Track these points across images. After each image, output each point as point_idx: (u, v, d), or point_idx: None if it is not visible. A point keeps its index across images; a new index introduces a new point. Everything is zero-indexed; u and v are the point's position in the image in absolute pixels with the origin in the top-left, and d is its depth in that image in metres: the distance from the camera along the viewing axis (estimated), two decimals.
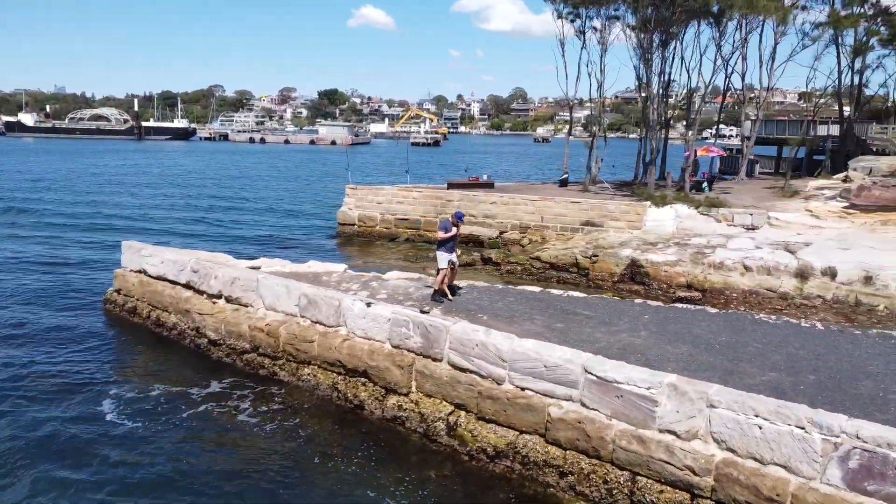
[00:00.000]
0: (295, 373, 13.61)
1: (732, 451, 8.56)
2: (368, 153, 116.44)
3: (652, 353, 10.47)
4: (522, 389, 10.49)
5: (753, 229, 24.22)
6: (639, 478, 9.21)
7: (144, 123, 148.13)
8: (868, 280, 19.01)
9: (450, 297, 13.53)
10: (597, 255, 22.72)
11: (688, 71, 74.93)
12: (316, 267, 16.49)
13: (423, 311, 12.25)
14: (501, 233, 28.60)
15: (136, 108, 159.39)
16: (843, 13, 32.89)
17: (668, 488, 8.96)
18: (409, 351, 12.03)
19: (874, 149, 35.57)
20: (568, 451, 9.90)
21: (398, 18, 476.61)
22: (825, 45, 34.73)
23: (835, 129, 39.53)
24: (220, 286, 15.32)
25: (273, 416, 12.46)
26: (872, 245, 20.60)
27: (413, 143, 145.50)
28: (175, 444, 11.52)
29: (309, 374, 13.35)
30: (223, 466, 10.82)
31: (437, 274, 13.58)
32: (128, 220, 36.09)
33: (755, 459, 8.39)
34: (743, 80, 38.22)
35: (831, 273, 19.55)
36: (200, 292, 15.87)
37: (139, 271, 17.71)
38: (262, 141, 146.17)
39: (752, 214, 24.51)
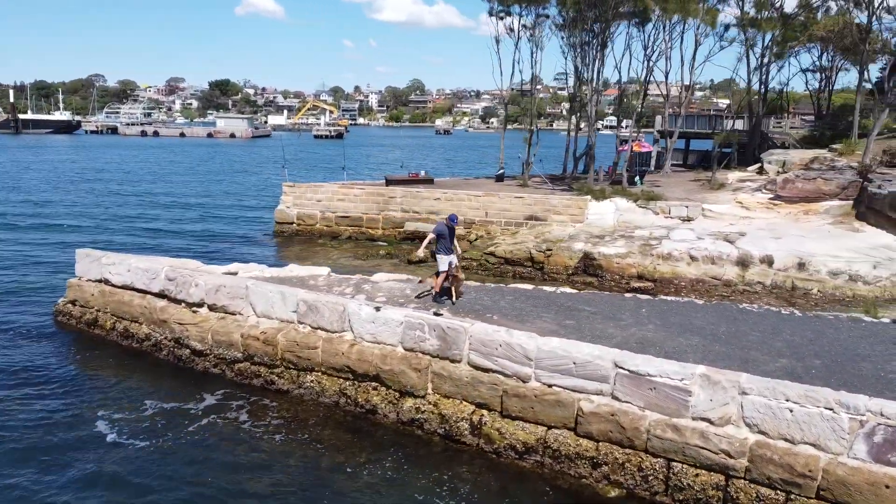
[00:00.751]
0: (296, 380, 13.41)
1: (764, 433, 9.31)
2: (271, 147, 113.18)
3: (668, 345, 11.13)
4: (550, 386, 10.88)
5: (689, 220, 25.79)
6: (674, 464, 9.83)
7: (21, 116, 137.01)
8: (802, 266, 20.77)
9: (453, 299, 13.71)
10: (550, 250, 23.50)
11: (617, 69, 77.51)
12: (298, 271, 16.19)
13: (436, 314, 12.39)
14: None
15: (11, 99, 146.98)
16: (753, 16, 35.30)
17: (704, 472, 9.63)
18: (423, 353, 12.15)
19: (776, 142, 38.53)
20: (601, 443, 10.40)
21: (288, 7, 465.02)
22: (747, 46, 37.12)
23: (739, 124, 42.42)
24: (202, 294, 14.78)
25: (283, 426, 12.24)
26: (802, 234, 22.48)
27: (316, 136, 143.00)
28: (189, 463, 11.11)
29: (312, 382, 13.18)
30: (248, 484, 10.54)
31: (438, 276, 13.74)
32: (34, 220, 33.64)
33: (786, 440, 9.18)
34: (667, 78, 40.14)
35: (768, 261, 21.21)
36: (178, 301, 15.25)
37: (99, 280, 16.76)
38: (156, 134, 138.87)
39: (687, 207, 26.09)
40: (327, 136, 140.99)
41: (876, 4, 30.11)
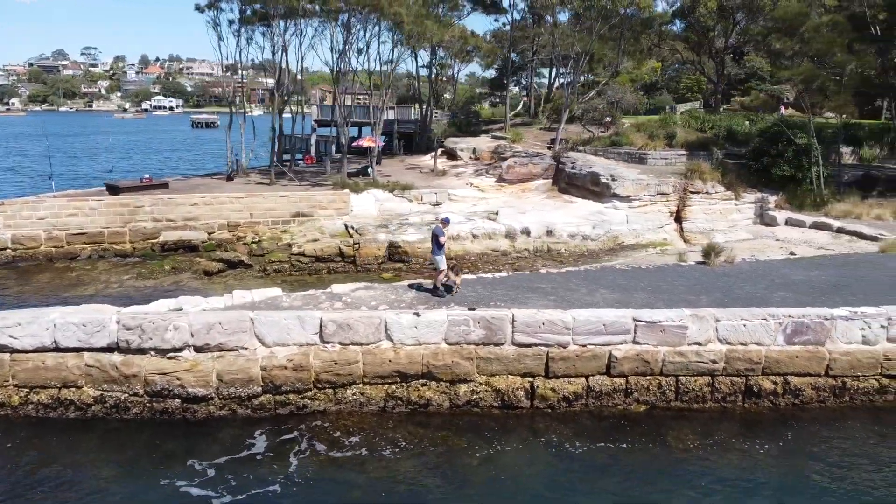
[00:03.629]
0: (332, 398, 13.93)
1: (730, 343, 14.60)
2: None
3: (634, 301, 15.54)
4: (584, 346, 14.39)
5: (438, 205, 30.44)
6: (680, 378, 14.49)
7: None
8: (550, 233, 27.42)
9: (453, 292, 15.69)
10: (358, 243, 25.62)
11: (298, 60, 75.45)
12: (255, 296, 15.71)
13: (471, 309, 14.51)
14: (209, 234, 27.94)
15: None
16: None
17: (699, 377, 14.53)
18: (468, 344, 14.24)
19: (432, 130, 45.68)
20: (630, 377, 14.43)
21: None
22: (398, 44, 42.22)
23: (391, 114, 48.35)
24: (186, 337, 13.59)
25: (368, 441, 12.89)
26: (539, 208, 29.21)
27: None
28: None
29: (354, 394, 13.95)
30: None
31: (440, 274, 15.59)
32: None
33: (742, 344, 14.63)
34: (301, 67, 42.92)
35: (527, 232, 27.33)
36: (142, 351, 13.61)
37: None
38: None
39: (436, 193, 30.65)
40: None
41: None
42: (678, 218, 29.26)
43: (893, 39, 29.98)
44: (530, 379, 14.34)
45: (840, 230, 26.11)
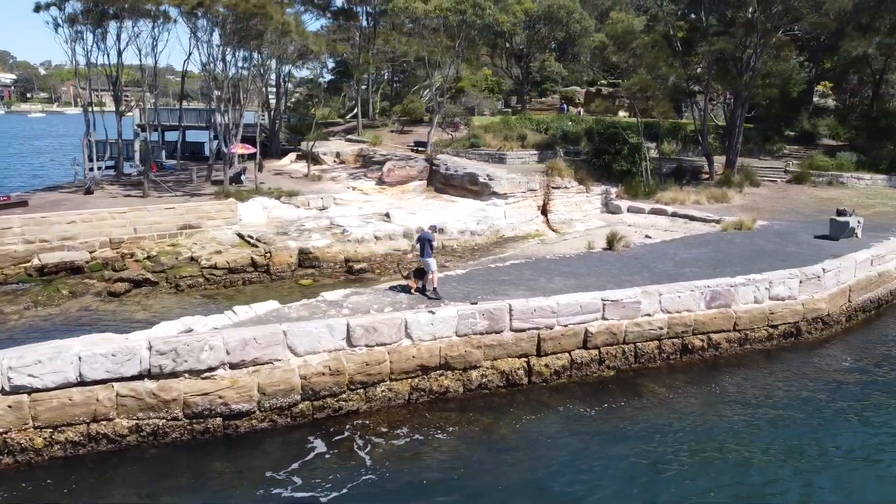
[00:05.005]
0: (364, 397, 14.95)
1: (670, 312, 18.02)
2: None
3: (589, 283, 18.31)
4: (566, 326, 16.89)
5: (325, 209, 31.10)
6: (638, 344, 17.61)
7: None
8: (442, 231, 29.56)
9: (430, 294, 17.16)
10: (269, 252, 25.70)
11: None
12: (258, 310, 15.88)
13: (473, 303, 16.24)
14: (91, 253, 26.02)
15: None
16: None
17: (651, 342, 17.74)
18: (474, 334, 16.03)
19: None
20: (602, 348, 17.22)
21: None
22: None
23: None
24: (221, 356, 13.71)
25: (418, 431, 14.18)
26: (429, 209, 31.12)
27: None
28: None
29: (383, 391, 15.09)
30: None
31: (430, 275, 16.99)
32: None
33: (678, 312, 18.13)
34: (156, 68, 40.50)
35: None
36: (175, 375, 13.51)
37: (3, 392, 12.49)
38: None
39: (322, 198, 31.18)
40: None
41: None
42: (544, 211, 33.00)
43: (690, 53, 36.46)
44: (526, 359, 16.52)
45: (675, 214, 31.47)
